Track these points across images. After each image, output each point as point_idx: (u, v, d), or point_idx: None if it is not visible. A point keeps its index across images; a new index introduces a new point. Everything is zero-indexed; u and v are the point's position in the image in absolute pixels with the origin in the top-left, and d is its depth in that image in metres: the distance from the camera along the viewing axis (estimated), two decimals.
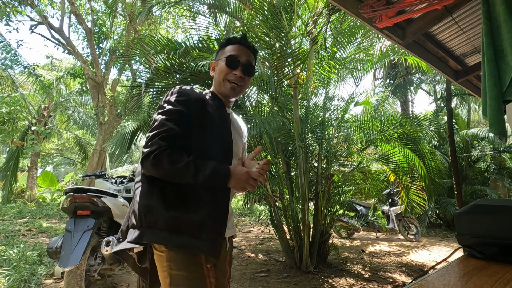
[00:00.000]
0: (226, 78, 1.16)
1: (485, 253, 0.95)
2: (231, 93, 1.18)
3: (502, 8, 1.38)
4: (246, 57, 1.19)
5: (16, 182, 9.39)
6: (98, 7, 10.75)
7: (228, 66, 1.16)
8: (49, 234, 5.00)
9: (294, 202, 3.74)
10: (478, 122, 12.77)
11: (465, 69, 2.99)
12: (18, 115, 8.09)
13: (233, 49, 1.18)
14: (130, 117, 5.28)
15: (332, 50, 3.90)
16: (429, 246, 5.62)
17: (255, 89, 3.76)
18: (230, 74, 1.16)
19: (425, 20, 2.22)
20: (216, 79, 1.20)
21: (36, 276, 2.99)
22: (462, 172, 7.83)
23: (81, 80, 10.86)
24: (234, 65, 1.16)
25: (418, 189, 4.43)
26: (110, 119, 9.24)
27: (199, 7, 4.15)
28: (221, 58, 1.19)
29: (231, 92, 1.17)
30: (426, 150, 4.29)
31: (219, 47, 1.25)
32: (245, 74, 1.17)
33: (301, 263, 3.57)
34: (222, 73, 1.17)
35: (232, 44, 1.20)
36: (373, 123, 4.07)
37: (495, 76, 1.37)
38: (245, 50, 1.20)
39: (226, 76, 1.16)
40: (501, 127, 1.36)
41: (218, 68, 1.20)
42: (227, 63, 1.16)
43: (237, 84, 1.17)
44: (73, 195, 2.41)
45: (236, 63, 1.16)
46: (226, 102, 1.22)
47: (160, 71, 3.41)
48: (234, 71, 1.16)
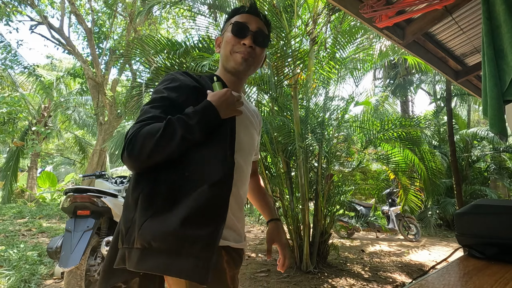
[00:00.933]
0: (233, 50, 0.96)
1: (485, 253, 0.95)
2: (242, 66, 0.95)
3: (502, 8, 1.38)
4: (257, 24, 0.98)
5: (16, 182, 9.39)
6: (98, 7, 10.76)
7: (235, 35, 0.95)
8: (49, 234, 5.00)
9: (294, 202, 3.74)
10: (478, 122, 12.77)
11: (465, 69, 3.00)
12: (18, 115, 8.10)
13: (241, 17, 0.98)
14: (130, 117, 5.29)
15: (332, 50, 3.91)
16: (429, 246, 5.62)
17: (255, 89, 3.77)
18: (238, 45, 0.95)
19: (425, 20, 2.22)
20: (223, 54, 0.99)
21: (36, 276, 2.99)
22: (462, 172, 7.83)
23: (81, 80, 10.86)
24: (242, 33, 0.95)
25: (417, 190, 4.44)
26: (110, 119, 9.24)
27: (199, 7, 4.15)
28: (227, 29, 0.99)
29: (243, 63, 0.95)
30: (425, 150, 4.29)
31: (225, 21, 1.05)
32: (256, 44, 0.96)
33: (301, 263, 3.57)
34: (229, 44, 0.96)
35: (240, 13, 1.00)
36: (373, 123, 4.08)
37: (496, 76, 1.37)
38: (256, 19, 0.99)
39: (234, 48, 0.96)
40: (502, 127, 1.36)
41: (224, 40, 0.99)
42: (233, 31, 0.95)
43: (247, 55, 0.95)
44: (73, 195, 2.41)
45: (245, 30, 0.95)
46: (237, 82, 1.01)
47: (160, 71, 3.41)
48: (243, 40, 0.95)
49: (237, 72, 0.98)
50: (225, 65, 0.99)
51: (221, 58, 1.01)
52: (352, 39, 3.79)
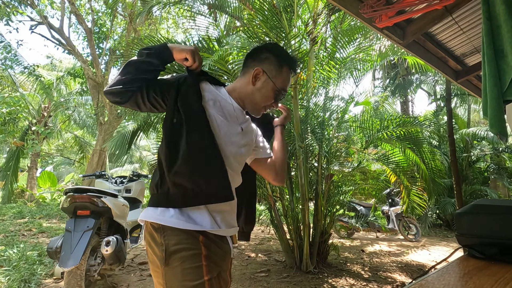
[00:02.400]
0: (265, 105, 1.10)
1: (485, 253, 0.95)
2: (257, 115, 1.13)
3: (502, 8, 1.38)
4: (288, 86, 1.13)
5: (16, 182, 9.39)
6: (98, 7, 10.76)
7: (274, 99, 1.09)
8: (49, 234, 5.00)
9: (294, 202, 3.74)
10: (477, 122, 12.77)
11: (465, 69, 3.00)
12: (18, 115, 8.10)
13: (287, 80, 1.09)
14: (130, 117, 5.29)
15: (332, 50, 3.90)
16: (429, 246, 5.62)
17: None
18: (270, 104, 1.10)
19: (425, 20, 2.22)
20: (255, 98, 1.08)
21: (36, 276, 2.99)
22: (462, 172, 7.83)
23: (81, 80, 10.86)
24: (279, 99, 1.10)
25: (419, 190, 4.43)
26: (110, 119, 9.24)
27: (199, 7, 4.15)
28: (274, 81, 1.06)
29: (258, 115, 1.13)
30: (426, 150, 4.29)
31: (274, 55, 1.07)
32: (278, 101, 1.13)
33: (301, 263, 3.57)
34: (265, 99, 1.08)
35: (289, 67, 1.09)
36: (373, 123, 4.08)
37: (495, 76, 1.37)
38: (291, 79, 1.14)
39: (266, 103, 1.09)
40: (502, 127, 1.36)
41: (265, 91, 1.06)
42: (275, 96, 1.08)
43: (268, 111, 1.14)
44: (73, 195, 2.41)
45: (282, 97, 1.10)
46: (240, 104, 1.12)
47: None
48: (275, 103, 1.10)
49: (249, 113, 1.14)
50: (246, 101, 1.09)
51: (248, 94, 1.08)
52: (352, 39, 3.79)
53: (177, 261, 0.88)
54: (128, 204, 2.92)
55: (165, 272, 0.89)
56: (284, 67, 1.07)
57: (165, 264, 0.88)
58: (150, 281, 3.11)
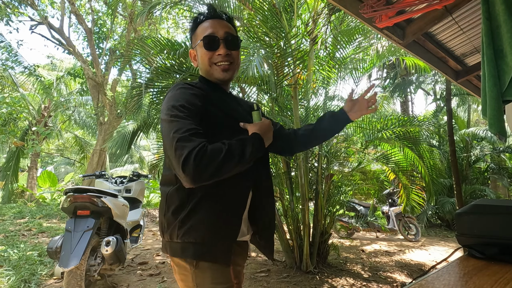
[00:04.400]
0: (211, 62, 1.01)
1: (485, 253, 0.95)
2: (224, 76, 1.02)
3: (502, 8, 1.38)
4: (223, 29, 1.01)
5: (16, 182, 9.39)
6: (98, 7, 10.76)
7: (208, 49, 1.00)
8: (49, 234, 5.00)
9: (294, 202, 3.74)
10: (477, 122, 12.77)
11: (465, 69, 3.00)
12: (19, 116, 8.10)
13: (205, 28, 1.01)
14: (130, 117, 5.29)
15: (332, 50, 3.91)
16: (429, 246, 5.62)
17: (255, 89, 3.76)
18: (214, 57, 1.00)
19: (425, 20, 2.22)
20: (203, 68, 1.04)
21: (36, 276, 2.99)
22: (462, 172, 7.83)
23: (81, 80, 10.86)
24: (214, 45, 0.99)
25: (418, 189, 4.43)
26: (110, 119, 9.24)
27: (199, 7, 4.15)
28: (197, 43, 1.02)
29: (224, 74, 1.02)
30: (425, 149, 4.29)
31: (190, 32, 1.07)
32: (230, 49, 1.01)
33: (301, 263, 3.57)
34: (205, 58, 1.01)
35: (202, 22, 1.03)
36: (372, 122, 4.08)
37: (495, 76, 1.37)
38: (219, 22, 1.02)
39: (211, 60, 1.01)
40: (501, 127, 1.36)
41: (199, 56, 1.03)
42: (205, 46, 0.99)
43: (227, 63, 1.01)
44: (73, 195, 2.41)
45: (216, 41, 0.99)
46: (224, 86, 1.09)
47: (160, 71, 3.41)
48: (217, 51, 1.00)
49: (222, 81, 1.05)
50: (208, 78, 1.05)
51: (202, 71, 1.07)
52: (351, 39, 3.79)
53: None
54: (128, 204, 2.92)
55: (195, 275, 0.92)
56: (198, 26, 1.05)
57: (195, 267, 0.92)
58: (150, 281, 3.11)
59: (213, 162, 0.81)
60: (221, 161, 0.82)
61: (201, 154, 0.80)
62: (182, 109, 0.89)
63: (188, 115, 0.88)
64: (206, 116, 0.93)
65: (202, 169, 0.80)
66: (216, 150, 0.83)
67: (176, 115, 0.87)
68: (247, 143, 0.89)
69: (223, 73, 1.01)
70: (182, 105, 0.89)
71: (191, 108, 0.90)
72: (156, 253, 4.24)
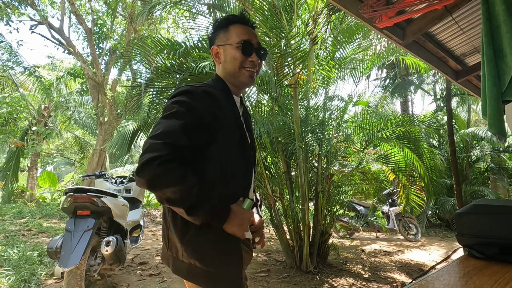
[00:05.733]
0: (242, 66, 1.03)
1: (485, 253, 0.95)
2: (250, 81, 1.05)
3: (502, 8, 1.38)
4: (256, 39, 1.05)
5: (16, 182, 9.39)
6: (98, 7, 10.76)
7: (244, 54, 1.02)
8: (49, 234, 5.00)
9: (294, 202, 3.74)
10: (477, 122, 12.76)
11: (465, 69, 3.00)
12: (19, 116, 8.10)
13: (241, 32, 1.04)
14: (130, 117, 5.29)
15: (332, 50, 3.90)
16: (429, 246, 5.61)
17: (255, 89, 3.76)
18: (246, 62, 1.03)
19: (425, 20, 2.22)
20: (229, 69, 1.04)
21: (36, 276, 2.99)
22: (462, 172, 7.82)
23: (81, 80, 10.86)
24: (249, 51, 1.02)
25: (417, 189, 4.43)
26: (110, 119, 9.24)
27: (199, 7, 4.15)
28: (231, 44, 1.03)
29: (250, 80, 1.05)
30: (425, 149, 4.29)
31: (218, 28, 1.07)
32: (261, 59, 1.06)
33: (301, 263, 3.57)
34: (237, 61, 1.02)
35: (235, 23, 1.05)
36: (372, 122, 4.08)
37: (495, 76, 1.37)
38: (252, 31, 1.06)
39: (243, 64, 1.03)
40: (500, 127, 1.36)
41: (230, 56, 1.03)
42: (243, 51, 1.01)
43: (254, 70, 1.05)
44: (73, 195, 2.41)
45: (250, 47, 1.02)
46: (237, 91, 1.09)
47: (160, 71, 3.41)
48: (250, 58, 1.03)
49: (245, 86, 1.09)
50: (231, 80, 1.05)
51: (225, 72, 1.06)
52: (352, 39, 3.79)
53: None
54: (128, 204, 2.92)
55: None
56: (229, 26, 1.05)
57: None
58: (150, 281, 3.11)
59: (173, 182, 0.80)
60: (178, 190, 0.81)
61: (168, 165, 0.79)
62: (186, 110, 0.89)
63: (189, 121, 0.88)
64: (214, 122, 0.93)
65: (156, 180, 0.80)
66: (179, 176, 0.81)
67: (178, 113, 0.89)
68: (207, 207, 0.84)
69: (250, 78, 1.05)
70: (189, 108, 0.90)
71: (195, 115, 0.90)
72: (156, 253, 4.24)
